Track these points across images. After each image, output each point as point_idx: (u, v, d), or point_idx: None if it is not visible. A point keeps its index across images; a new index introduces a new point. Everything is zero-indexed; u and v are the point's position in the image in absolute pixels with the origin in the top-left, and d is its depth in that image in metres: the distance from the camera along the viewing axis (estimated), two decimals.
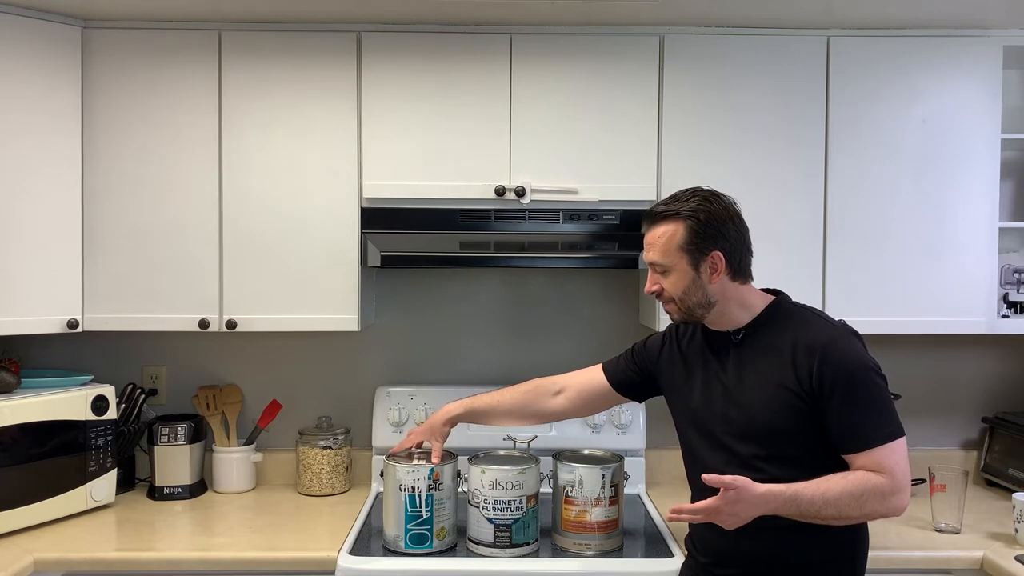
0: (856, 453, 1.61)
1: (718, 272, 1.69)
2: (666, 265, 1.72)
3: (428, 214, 2.30)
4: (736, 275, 1.72)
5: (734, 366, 1.73)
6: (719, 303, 1.72)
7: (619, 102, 2.30)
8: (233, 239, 2.30)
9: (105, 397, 2.32)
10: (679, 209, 1.70)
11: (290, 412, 2.66)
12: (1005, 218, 2.59)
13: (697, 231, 1.69)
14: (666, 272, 1.72)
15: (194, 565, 2.00)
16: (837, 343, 1.64)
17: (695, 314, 1.74)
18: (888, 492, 1.58)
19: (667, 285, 1.73)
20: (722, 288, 1.71)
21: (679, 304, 1.74)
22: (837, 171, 2.32)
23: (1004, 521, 2.22)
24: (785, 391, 1.64)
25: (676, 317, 1.78)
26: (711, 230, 1.69)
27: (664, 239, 1.71)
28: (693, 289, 1.71)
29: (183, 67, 2.29)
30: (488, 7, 2.18)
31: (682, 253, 1.70)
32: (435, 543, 2.01)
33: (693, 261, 1.70)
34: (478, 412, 2.08)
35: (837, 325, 1.70)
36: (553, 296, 2.70)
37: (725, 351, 1.76)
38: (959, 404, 2.72)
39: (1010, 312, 2.46)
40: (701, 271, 1.70)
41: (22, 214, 2.19)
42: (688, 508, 1.58)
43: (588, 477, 2.02)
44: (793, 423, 1.64)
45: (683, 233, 1.69)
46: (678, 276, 1.71)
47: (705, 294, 1.71)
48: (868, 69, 2.31)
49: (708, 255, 1.69)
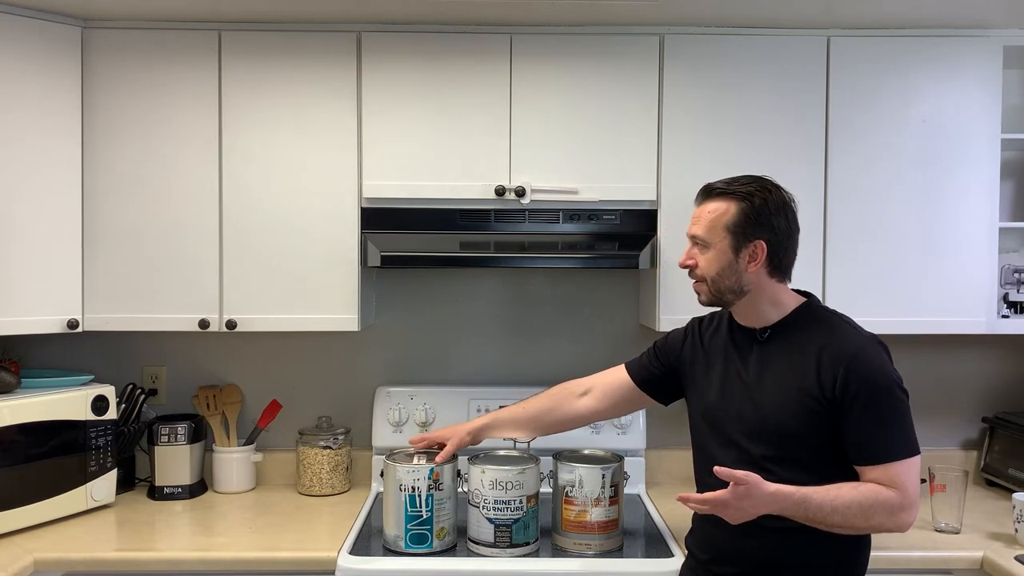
0: (870, 466, 1.59)
1: (756, 262, 1.67)
2: (708, 241, 1.69)
3: (428, 214, 2.30)
4: (775, 271, 1.70)
5: (756, 364, 1.72)
6: (751, 294, 1.70)
7: (619, 102, 2.30)
8: (233, 239, 2.30)
9: (105, 397, 2.32)
10: (736, 189, 1.69)
11: (290, 412, 2.66)
12: (1005, 218, 2.59)
13: (748, 215, 1.67)
14: (705, 248, 1.70)
15: (194, 565, 2.00)
16: (865, 352, 1.62)
17: (724, 299, 1.72)
18: (897, 508, 1.57)
19: (702, 262, 1.71)
20: (758, 280, 1.69)
21: (710, 285, 1.71)
22: (837, 171, 2.32)
23: (1004, 521, 2.22)
24: (805, 395, 1.63)
25: (704, 299, 1.75)
26: (761, 218, 1.67)
27: (713, 215, 1.69)
28: (728, 273, 1.68)
29: (183, 67, 2.29)
30: (488, 7, 2.18)
31: (726, 233, 1.68)
32: (435, 543, 2.01)
33: (735, 244, 1.67)
34: (504, 420, 2.06)
35: (865, 334, 1.67)
36: (553, 296, 2.70)
37: (748, 348, 1.74)
38: (959, 404, 2.72)
39: (1010, 312, 2.46)
40: (740, 256, 1.68)
41: (22, 214, 2.19)
42: (696, 497, 1.57)
43: (588, 477, 2.02)
44: (808, 427, 1.63)
45: (733, 213, 1.68)
46: (715, 255, 1.69)
47: (739, 281, 1.69)
48: (868, 69, 2.31)
49: (751, 242, 1.67)
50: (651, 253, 2.29)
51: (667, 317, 2.31)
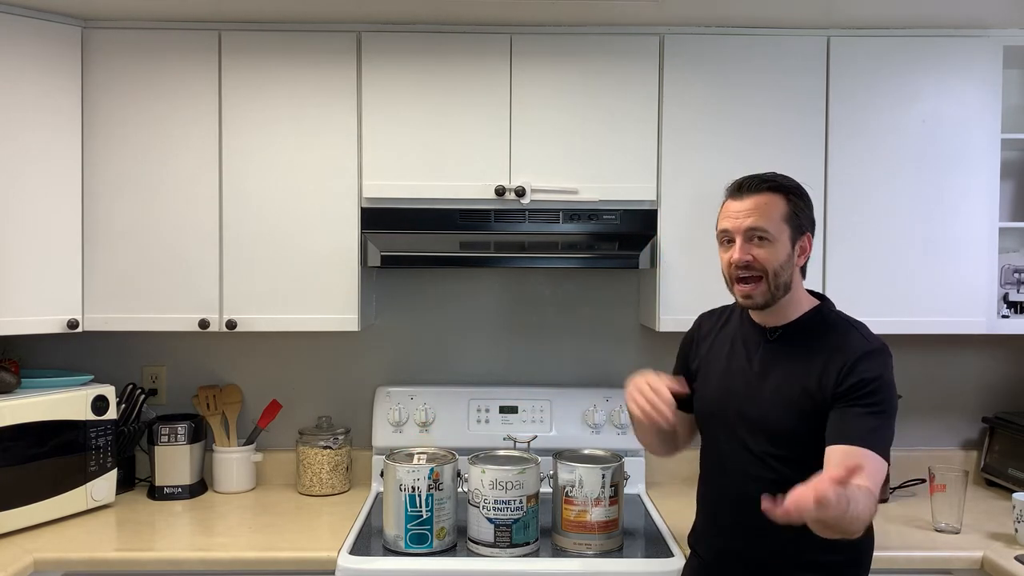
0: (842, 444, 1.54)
1: (805, 255, 1.66)
2: (772, 234, 1.62)
3: (428, 214, 2.30)
4: (803, 267, 1.70)
5: (761, 363, 1.71)
6: (791, 292, 1.67)
7: (619, 102, 2.30)
8: (233, 239, 2.30)
9: (105, 397, 2.32)
10: (781, 182, 1.66)
11: (290, 412, 2.66)
12: (1005, 218, 2.59)
13: (799, 207, 1.66)
14: (767, 241, 1.62)
15: (194, 565, 2.00)
16: (870, 357, 1.61)
17: (776, 297, 1.65)
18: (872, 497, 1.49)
19: (764, 256, 1.62)
20: (796, 276, 1.67)
21: (771, 281, 1.63)
22: (837, 171, 2.32)
23: (1004, 521, 2.22)
24: (806, 398, 1.62)
25: (759, 300, 1.65)
26: (807, 211, 1.67)
27: (769, 207, 1.63)
28: (787, 267, 1.64)
29: (183, 67, 2.29)
30: (488, 7, 2.18)
31: (786, 225, 1.63)
32: (435, 543, 2.01)
33: (793, 236, 1.64)
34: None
35: (875, 342, 1.65)
36: (553, 296, 2.70)
37: (756, 346, 1.73)
38: (959, 404, 2.72)
39: (1010, 312, 2.46)
40: (795, 250, 1.65)
41: (22, 214, 2.19)
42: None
43: (588, 477, 2.02)
44: (807, 429, 1.62)
45: (786, 205, 1.65)
46: (779, 248, 1.63)
47: (790, 276, 1.65)
48: (868, 69, 2.31)
49: (804, 234, 1.66)
50: (651, 253, 2.29)
51: (667, 317, 2.31)
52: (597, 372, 2.68)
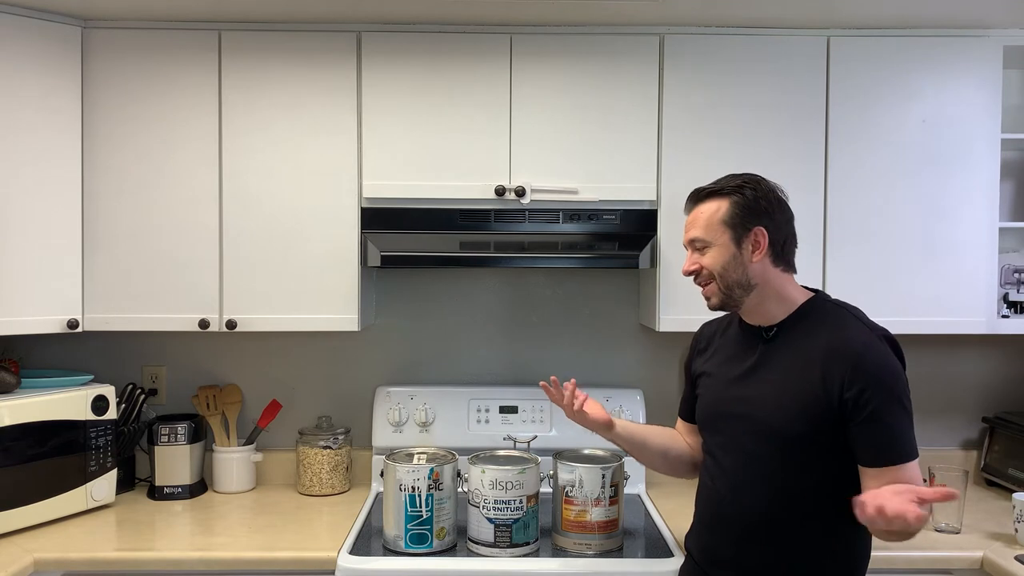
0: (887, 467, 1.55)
1: (760, 250, 1.66)
2: (708, 240, 1.68)
3: (428, 214, 2.30)
4: (778, 260, 1.69)
5: (760, 366, 1.70)
6: (759, 287, 1.68)
7: (619, 102, 2.30)
8: (233, 239, 2.30)
9: (105, 397, 2.32)
10: (724, 186, 1.69)
11: (290, 412, 2.66)
12: (1005, 218, 2.59)
13: (742, 206, 1.67)
14: (706, 248, 1.69)
15: (194, 565, 2.00)
16: (870, 349, 1.59)
17: (734, 296, 1.69)
18: None
19: (707, 261, 1.69)
20: (763, 271, 1.67)
21: (719, 282, 1.68)
22: (837, 171, 2.32)
23: (1004, 521, 2.22)
24: (809, 399, 1.60)
25: (715, 301, 1.72)
26: (756, 207, 1.67)
27: (708, 215, 1.68)
28: (734, 266, 1.67)
29: (183, 67, 2.29)
30: (488, 7, 2.18)
31: (725, 227, 1.67)
32: (435, 543, 2.01)
33: (736, 236, 1.67)
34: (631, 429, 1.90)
35: (872, 329, 1.64)
36: (553, 296, 2.70)
37: (754, 348, 1.72)
38: (959, 404, 2.72)
39: (1010, 312, 2.46)
40: (743, 247, 1.66)
41: (22, 214, 2.19)
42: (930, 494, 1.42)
43: (588, 477, 2.02)
44: (811, 431, 1.60)
45: (727, 208, 1.67)
46: (719, 251, 1.67)
47: (745, 273, 1.67)
48: (868, 69, 2.31)
49: (751, 231, 1.66)
50: (651, 253, 2.29)
51: (667, 317, 2.32)
52: (597, 372, 2.68)
